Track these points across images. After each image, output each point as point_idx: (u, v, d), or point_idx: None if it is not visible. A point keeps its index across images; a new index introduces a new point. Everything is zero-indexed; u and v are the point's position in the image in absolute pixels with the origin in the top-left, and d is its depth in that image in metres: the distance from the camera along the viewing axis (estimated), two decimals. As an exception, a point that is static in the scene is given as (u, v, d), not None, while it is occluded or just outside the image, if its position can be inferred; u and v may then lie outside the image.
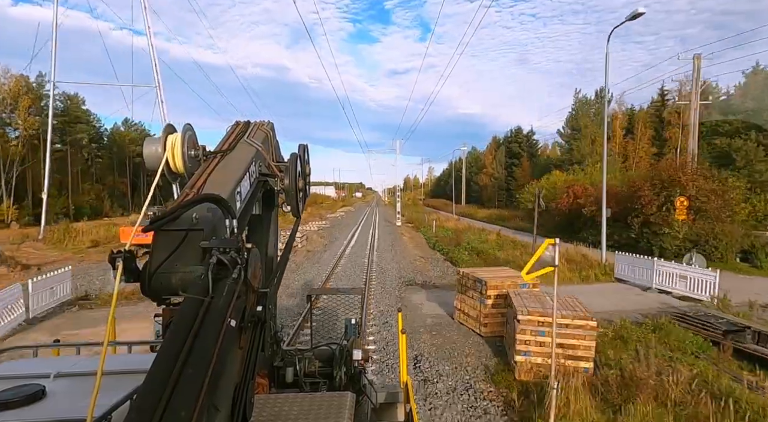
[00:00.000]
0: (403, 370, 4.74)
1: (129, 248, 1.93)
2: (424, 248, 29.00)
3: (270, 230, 3.91)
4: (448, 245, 27.64)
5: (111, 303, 2.12)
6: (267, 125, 3.54)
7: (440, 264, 22.11)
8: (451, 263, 22.26)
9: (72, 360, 2.61)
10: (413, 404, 4.20)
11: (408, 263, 21.68)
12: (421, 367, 8.95)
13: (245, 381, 1.83)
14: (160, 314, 2.06)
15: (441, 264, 22.15)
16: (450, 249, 26.05)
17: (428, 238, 33.43)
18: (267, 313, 2.10)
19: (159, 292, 1.95)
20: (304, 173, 3.74)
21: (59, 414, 1.76)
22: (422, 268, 20.76)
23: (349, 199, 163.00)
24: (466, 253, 24.24)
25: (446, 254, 25.22)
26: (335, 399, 3.07)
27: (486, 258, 22.36)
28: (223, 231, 2.04)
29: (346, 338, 4.49)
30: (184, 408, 1.30)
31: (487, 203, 79.39)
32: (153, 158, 2.71)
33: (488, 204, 78.65)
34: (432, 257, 24.81)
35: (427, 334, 10.58)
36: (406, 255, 24.49)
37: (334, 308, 8.27)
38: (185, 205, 1.99)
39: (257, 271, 1.98)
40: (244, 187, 2.74)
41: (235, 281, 1.70)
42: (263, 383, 3.64)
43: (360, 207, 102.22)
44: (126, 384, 1.94)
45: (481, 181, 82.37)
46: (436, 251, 27.15)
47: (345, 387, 3.94)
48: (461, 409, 7.43)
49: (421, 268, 20.68)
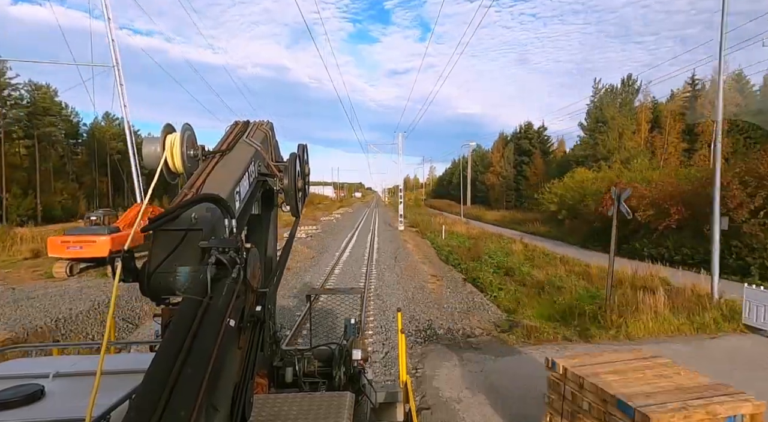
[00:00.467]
0: (402, 370, 4.57)
1: (128, 247, 1.92)
2: (435, 261, 23.37)
3: (269, 230, 3.86)
4: (464, 258, 22.05)
5: (111, 302, 2.06)
6: (266, 124, 3.52)
7: (461, 288, 16.52)
8: (475, 287, 16.66)
9: (71, 360, 2.67)
10: (412, 404, 4.10)
11: (418, 289, 16.13)
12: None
13: (244, 380, 1.82)
14: (160, 314, 2.04)
15: (462, 288, 16.55)
16: (469, 264, 20.48)
17: (438, 247, 27.77)
18: (266, 313, 2.09)
19: (158, 292, 1.94)
20: (304, 172, 3.67)
21: (58, 414, 1.77)
22: (439, 297, 15.17)
23: (348, 199, 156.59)
24: (490, 271, 18.64)
25: (464, 272, 19.62)
26: (335, 399, 3.09)
27: (521, 280, 16.78)
28: (222, 231, 2.03)
29: (346, 338, 4.49)
30: (184, 407, 1.30)
31: (494, 204, 73.81)
32: (152, 158, 2.70)
33: (496, 205, 73.10)
34: (447, 275, 19.22)
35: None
36: (415, 275, 18.89)
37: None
38: (184, 205, 1.98)
39: (256, 271, 1.99)
40: (244, 187, 2.73)
41: (234, 281, 1.70)
42: (263, 383, 3.59)
43: (358, 208, 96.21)
44: (125, 383, 1.94)
45: (488, 180, 76.64)
46: (450, 266, 21.51)
47: (344, 386, 3.96)
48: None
49: (437, 297, 15.10)
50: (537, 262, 20.91)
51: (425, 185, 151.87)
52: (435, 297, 15.13)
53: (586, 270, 17.59)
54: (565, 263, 19.90)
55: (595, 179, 34.08)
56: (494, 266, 19.60)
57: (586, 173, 37.44)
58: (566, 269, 18.32)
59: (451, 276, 19.04)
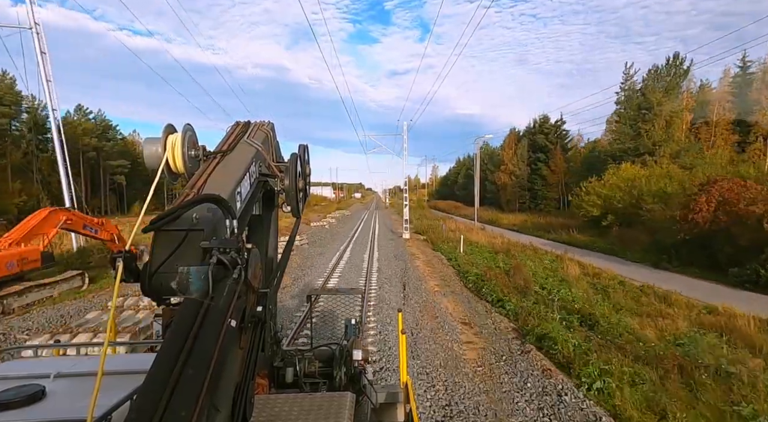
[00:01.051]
0: (403, 370, 4.42)
1: (129, 247, 1.94)
2: (459, 290, 16.12)
3: (270, 231, 3.85)
4: (502, 288, 14.90)
5: (112, 303, 2.13)
6: (267, 125, 3.53)
7: (522, 363, 9.22)
8: (549, 359, 9.47)
9: (72, 361, 2.64)
10: (413, 404, 3.99)
11: (446, 362, 9.08)
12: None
13: (245, 381, 1.82)
14: (161, 315, 2.03)
15: (524, 363, 9.27)
16: (515, 302, 13.36)
17: (458, 266, 20.46)
18: (267, 313, 2.13)
19: (159, 292, 1.95)
20: (304, 173, 3.70)
21: (59, 415, 1.77)
22: (487, 385, 8.02)
23: (347, 200, 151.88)
24: (556, 317, 11.50)
25: (513, 317, 12.47)
26: (335, 400, 3.06)
27: (623, 343, 9.58)
28: (223, 231, 2.03)
29: (346, 338, 4.50)
30: (185, 408, 1.30)
31: (506, 206, 66.66)
32: (153, 158, 2.70)
33: (508, 207, 65.95)
34: (486, 324, 11.93)
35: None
36: (437, 326, 11.75)
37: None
38: (185, 205, 1.98)
39: (257, 271, 1.98)
40: (245, 187, 2.74)
41: (235, 282, 1.70)
42: (263, 383, 3.57)
43: (357, 210, 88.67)
44: (126, 384, 1.93)
45: (499, 180, 69.28)
46: (485, 303, 14.26)
47: (345, 387, 3.91)
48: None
49: (484, 386, 7.95)
50: (617, 298, 13.82)
51: (428, 185, 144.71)
52: (480, 385, 8.04)
53: (731, 324, 10.51)
54: (672, 303, 12.77)
55: (653, 176, 26.95)
56: (560, 308, 12.44)
57: (634, 170, 30.33)
58: (686, 318, 11.21)
59: (494, 327, 11.84)
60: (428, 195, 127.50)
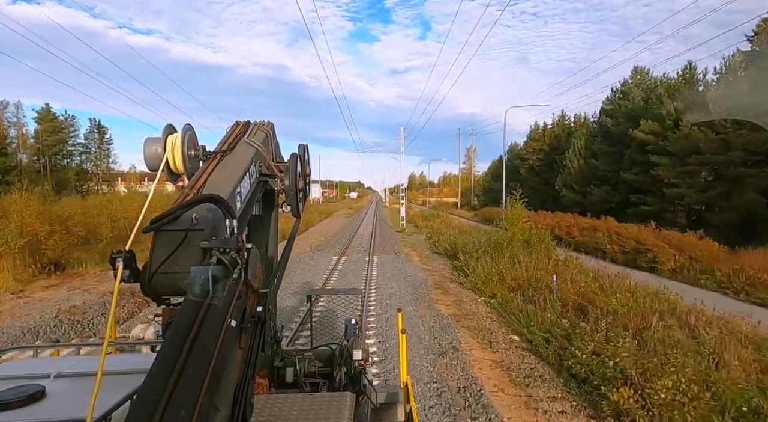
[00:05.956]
0: (403, 370, 4.41)
1: (129, 247, 1.93)
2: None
3: (270, 231, 3.90)
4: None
5: (112, 303, 2.17)
6: (267, 125, 3.52)
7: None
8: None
9: (72, 360, 2.68)
10: (413, 404, 3.94)
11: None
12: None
13: (245, 381, 1.83)
14: (161, 315, 2.08)
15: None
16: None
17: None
18: (267, 313, 2.12)
19: (159, 292, 1.96)
20: (305, 173, 3.71)
21: (59, 415, 1.75)
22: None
23: (337, 202, 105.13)
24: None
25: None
26: (335, 400, 3.08)
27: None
28: (223, 231, 2.02)
29: (346, 338, 4.52)
30: (185, 408, 1.31)
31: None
32: (153, 159, 2.73)
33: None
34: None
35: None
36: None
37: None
38: (185, 205, 1.98)
39: (257, 271, 2.00)
40: (244, 187, 2.75)
41: (235, 282, 1.70)
42: (263, 383, 3.55)
43: (346, 225, 42.23)
44: (126, 384, 1.93)
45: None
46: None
47: (345, 387, 3.92)
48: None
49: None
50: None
51: (466, 179, 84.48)
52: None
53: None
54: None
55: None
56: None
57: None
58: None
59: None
60: (461, 194, 79.33)
